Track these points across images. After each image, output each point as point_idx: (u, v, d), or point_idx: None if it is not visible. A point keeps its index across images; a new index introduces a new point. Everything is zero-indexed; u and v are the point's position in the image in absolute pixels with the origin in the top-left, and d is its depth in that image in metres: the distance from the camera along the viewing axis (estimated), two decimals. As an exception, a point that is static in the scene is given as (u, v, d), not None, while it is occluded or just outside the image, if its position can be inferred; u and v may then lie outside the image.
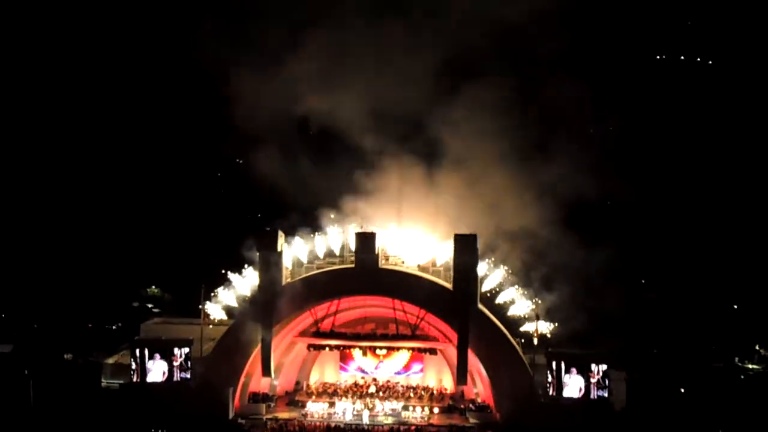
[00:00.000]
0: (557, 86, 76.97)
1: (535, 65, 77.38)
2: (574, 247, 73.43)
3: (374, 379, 71.44)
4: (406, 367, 72.07)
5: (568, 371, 64.53)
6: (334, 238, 69.79)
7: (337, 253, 69.65)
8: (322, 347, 69.81)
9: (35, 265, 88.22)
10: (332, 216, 70.69)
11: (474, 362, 66.33)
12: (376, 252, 66.95)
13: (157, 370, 66.79)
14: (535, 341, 67.96)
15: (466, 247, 65.65)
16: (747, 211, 78.95)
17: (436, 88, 75.55)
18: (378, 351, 70.88)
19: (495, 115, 74.44)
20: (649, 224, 78.87)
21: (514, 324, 68.71)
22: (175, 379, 66.75)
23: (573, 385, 64.40)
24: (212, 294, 70.28)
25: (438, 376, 72.16)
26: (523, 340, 68.74)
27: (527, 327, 68.67)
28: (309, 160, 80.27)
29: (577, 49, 78.87)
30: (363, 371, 72.19)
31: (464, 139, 74.67)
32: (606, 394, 64.11)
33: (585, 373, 64.26)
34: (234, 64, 74.80)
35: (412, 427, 64.30)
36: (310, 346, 70.01)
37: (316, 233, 69.63)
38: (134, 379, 66.80)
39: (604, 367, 64.26)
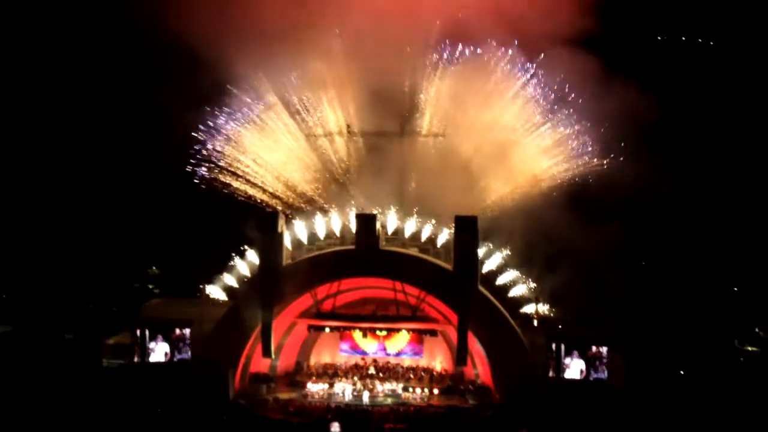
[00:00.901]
0: (558, 59, 76.88)
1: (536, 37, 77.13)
2: (576, 228, 73.50)
3: (374, 360, 71.62)
4: (407, 349, 72.25)
5: (568, 353, 64.65)
6: (335, 220, 69.85)
7: (338, 235, 69.76)
8: (323, 328, 69.92)
9: (36, 245, 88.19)
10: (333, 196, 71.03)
11: (474, 344, 66.42)
12: (377, 233, 66.96)
13: (159, 351, 66.99)
14: (535, 323, 68.11)
15: (466, 229, 65.59)
16: (748, 193, 78.88)
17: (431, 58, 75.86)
18: (378, 332, 70.98)
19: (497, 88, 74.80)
20: (650, 205, 78.74)
21: (514, 305, 68.88)
22: (176, 359, 66.96)
23: (574, 367, 64.51)
24: (213, 275, 70.50)
25: (438, 357, 72.30)
26: (522, 322, 68.77)
27: (527, 309, 68.88)
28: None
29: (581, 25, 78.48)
30: (363, 352, 72.38)
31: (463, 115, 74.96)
32: (605, 376, 64.25)
33: (585, 355, 64.38)
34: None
35: (412, 408, 64.44)
36: (310, 327, 70.10)
37: (317, 214, 69.74)
38: (135, 360, 67.01)
39: (604, 349, 64.36)
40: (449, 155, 75.71)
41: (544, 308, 69.49)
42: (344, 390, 67.47)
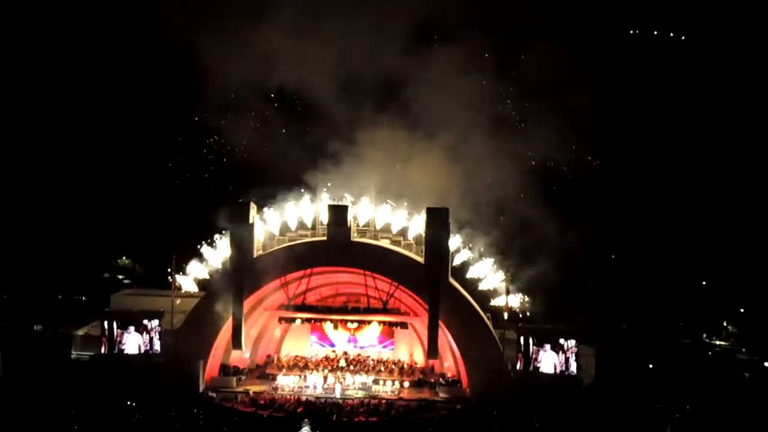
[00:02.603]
0: (534, 53, 77.00)
1: (511, 32, 77.24)
2: (547, 222, 73.80)
3: (345, 353, 71.52)
4: (377, 341, 72.22)
5: (540, 346, 64.91)
6: (306, 211, 69.59)
7: (309, 226, 69.54)
8: (293, 320, 69.79)
9: (2, 235, 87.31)
10: (305, 188, 70.64)
11: (445, 336, 66.55)
12: (348, 225, 66.81)
13: (131, 343, 66.58)
14: (506, 315, 68.25)
15: (437, 221, 65.64)
16: (718, 188, 79.47)
17: (411, 52, 75.64)
18: (349, 324, 71.04)
19: (471, 82, 74.69)
20: (620, 200, 79.23)
21: (485, 298, 68.98)
22: (145, 351, 66.60)
23: (546, 361, 64.78)
24: (183, 266, 70.10)
25: (409, 350, 72.30)
26: (494, 315, 68.88)
27: (498, 301, 68.99)
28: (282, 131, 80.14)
29: (553, 19, 78.66)
30: (333, 344, 72.29)
31: (439, 107, 74.88)
32: (575, 370, 64.58)
33: (557, 348, 64.65)
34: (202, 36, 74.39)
35: (383, 401, 64.43)
36: (281, 319, 69.94)
37: (289, 205, 69.42)
38: (103, 351, 66.60)
39: (573, 342, 64.67)
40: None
41: (515, 301, 69.60)
42: (315, 383, 67.36)
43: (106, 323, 66.66)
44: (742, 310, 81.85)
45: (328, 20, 75.57)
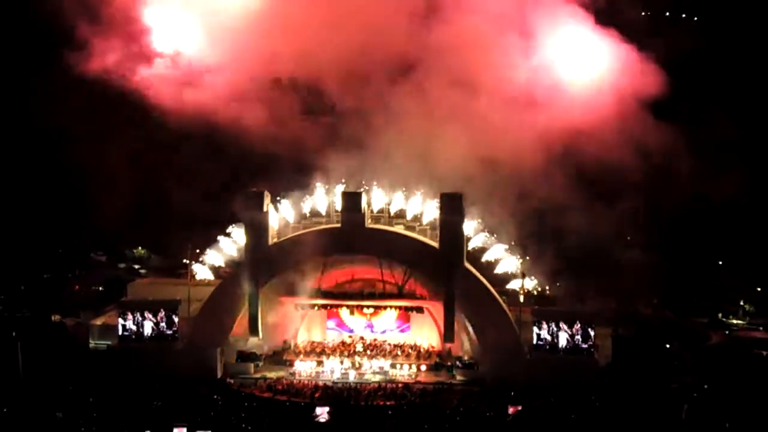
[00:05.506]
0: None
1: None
2: (564, 206, 73.75)
3: (361, 338, 71.73)
4: (394, 326, 72.37)
5: (555, 328, 65.04)
6: (321, 198, 69.82)
7: (324, 213, 69.77)
8: (309, 306, 70.05)
9: (21, 228, 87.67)
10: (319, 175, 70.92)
11: (461, 320, 66.69)
12: (362, 211, 66.95)
13: (148, 331, 67.09)
14: (522, 298, 68.33)
15: (452, 206, 65.81)
16: (734, 168, 79.01)
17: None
18: (365, 310, 71.31)
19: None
20: (636, 180, 78.89)
21: (500, 281, 69.10)
22: (163, 339, 67.03)
23: (559, 342, 64.97)
24: (199, 255, 70.51)
25: (425, 334, 72.42)
26: (509, 298, 68.95)
27: (514, 284, 69.07)
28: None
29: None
30: (350, 330, 72.50)
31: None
32: (591, 351, 64.69)
33: (570, 330, 64.74)
34: None
35: (400, 385, 64.66)
36: (297, 306, 70.20)
37: (303, 193, 69.72)
38: (122, 341, 67.08)
39: (589, 324, 64.78)
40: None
41: (531, 284, 69.70)
42: (332, 368, 67.57)
43: (124, 312, 67.19)
44: (759, 289, 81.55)
45: None
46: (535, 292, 70.24)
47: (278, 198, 70.36)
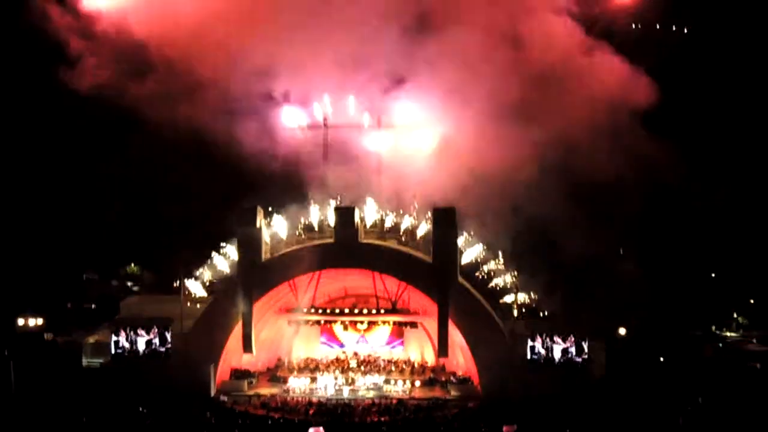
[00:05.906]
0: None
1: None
2: (555, 218, 73.67)
3: (355, 354, 71.67)
4: (388, 341, 72.31)
5: (549, 342, 64.99)
6: (314, 214, 69.77)
7: (317, 228, 69.70)
8: (303, 322, 69.90)
9: (10, 244, 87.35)
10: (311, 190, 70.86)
11: (455, 335, 66.57)
12: (356, 226, 66.90)
13: (139, 349, 66.86)
14: (515, 312, 68.30)
15: (445, 220, 65.76)
16: (726, 179, 79.20)
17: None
18: (359, 325, 71.32)
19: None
20: (628, 192, 78.92)
21: (494, 295, 69.03)
22: (156, 357, 66.81)
23: (554, 356, 64.92)
24: (192, 271, 70.33)
25: (419, 349, 72.44)
26: (503, 312, 68.87)
27: (507, 298, 69.04)
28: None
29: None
30: (343, 345, 72.37)
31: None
32: (585, 364, 64.61)
33: (564, 343, 64.70)
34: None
35: (394, 401, 64.47)
36: (290, 322, 70.05)
37: (295, 209, 69.63)
38: (115, 358, 66.85)
39: (583, 337, 64.74)
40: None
41: (525, 297, 69.65)
42: (326, 384, 67.40)
43: (117, 330, 67.00)
44: (752, 301, 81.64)
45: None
46: (530, 306, 70.14)
47: (271, 213, 70.29)
